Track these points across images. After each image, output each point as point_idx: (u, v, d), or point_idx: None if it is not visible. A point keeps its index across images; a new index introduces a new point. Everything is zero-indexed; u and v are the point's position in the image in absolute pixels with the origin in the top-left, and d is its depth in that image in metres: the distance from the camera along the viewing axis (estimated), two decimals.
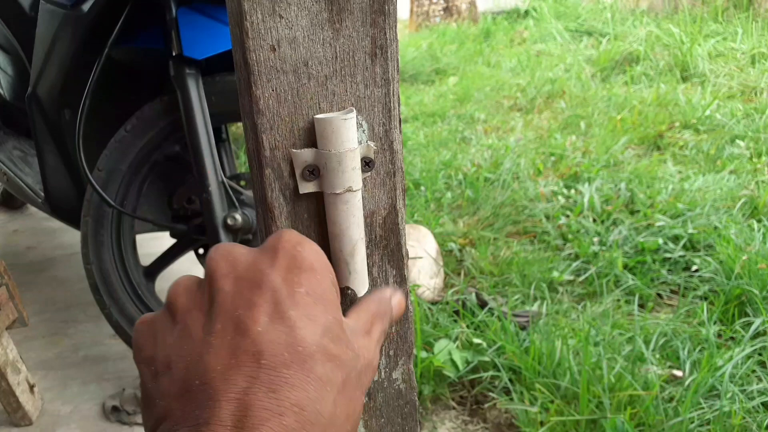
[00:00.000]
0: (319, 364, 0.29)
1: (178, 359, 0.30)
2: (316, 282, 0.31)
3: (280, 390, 0.27)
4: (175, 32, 1.14)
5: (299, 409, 0.27)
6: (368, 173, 0.39)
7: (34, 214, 2.60)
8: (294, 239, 0.32)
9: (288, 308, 0.29)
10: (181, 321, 0.31)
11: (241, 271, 0.31)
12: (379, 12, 0.36)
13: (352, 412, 0.31)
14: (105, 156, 1.24)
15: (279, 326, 0.29)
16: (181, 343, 0.30)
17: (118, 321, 1.31)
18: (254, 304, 0.29)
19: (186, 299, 0.32)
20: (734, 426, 1.10)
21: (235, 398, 0.27)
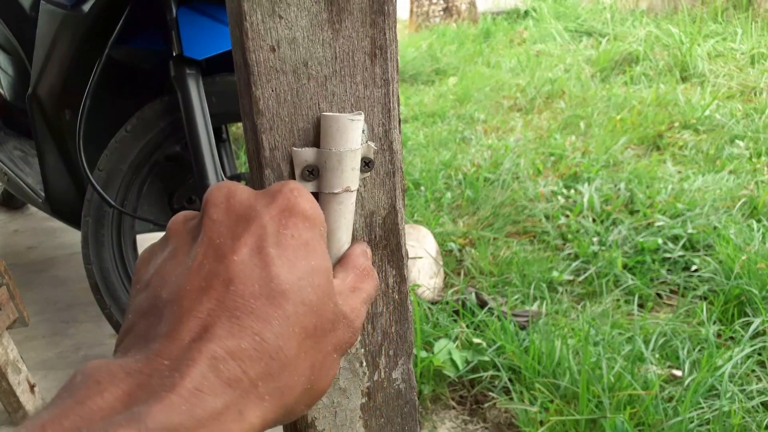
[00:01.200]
0: (290, 304, 0.29)
1: (157, 278, 0.30)
2: (305, 228, 0.31)
3: (243, 317, 0.27)
4: (175, 32, 1.14)
5: (260, 339, 0.27)
6: (368, 173, 0.39)
7: (35, 214, 2.60)
8: (295, 188, 0.32)
9: (269, 245, 0.29)
10: (171, 244, 0.32)
11: (234, 204, 0.31)
12: (378, 12, 0.36)
13: (319, 364, 0.31)
14: (105, 156, 1.24)
15: (256, 259, 0.29)
16: (164, 264, 0.31)
17: (118, 321, 1.31)
18: (237, 235, 0.30)
19: (180, 226, 0.33)
20: (734, 426, 1.10)
21: (198, 317, 0.27)
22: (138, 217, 1.29)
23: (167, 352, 0.26)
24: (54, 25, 1.20)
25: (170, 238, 0.33)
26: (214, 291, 0.28)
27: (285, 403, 0.28)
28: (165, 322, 0.27)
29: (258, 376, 0.27)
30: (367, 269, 0.36)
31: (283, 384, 0.28)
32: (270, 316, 0.28)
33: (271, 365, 0.27)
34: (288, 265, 0.29)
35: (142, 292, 0.31)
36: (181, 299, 0.28)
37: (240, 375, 0.26)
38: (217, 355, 0.25)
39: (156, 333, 0.27)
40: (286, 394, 0.28)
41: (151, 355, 0.26)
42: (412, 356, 0.46)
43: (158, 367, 0.25)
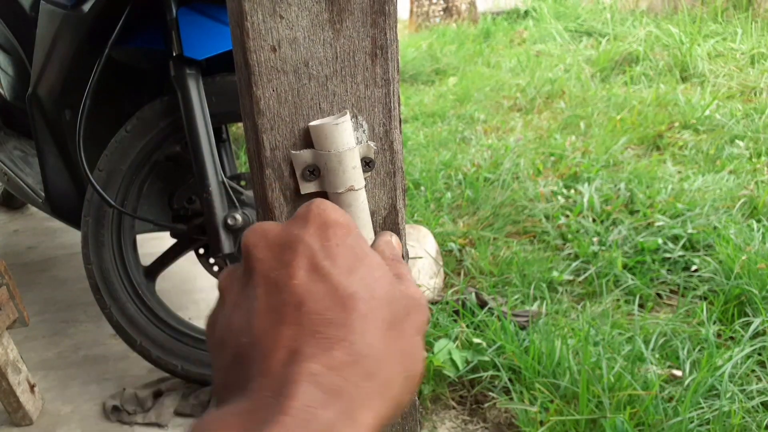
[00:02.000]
0: (362, 303, 0.29)
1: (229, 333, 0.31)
2: (344, 235, 0.32)
3: (325, 330, 0.28)
4: (175, 32, 1.14)
5: (348, 343, 0.28)
6: (368, 173, 0.39)
7: (35, 214, 2.60)
8: (320, 203, 0.33)
9: (322, 260, 0.30)
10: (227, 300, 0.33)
11: (273, 238, 0.32)
12: (379, 12, 0.36)
13: (407, 349, 0.31)
14: (105, 156, 1.24)
15: (315, 276, 0.30)
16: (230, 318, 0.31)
17: (118, 321, 1.31)
18: (288, 262, 0.30)
19: (229, 280, 0.34)
20: (734, 426, 1.10)
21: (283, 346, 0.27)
22: (138, 217, 1.29)
23: (266, 385, 0.26)
24: (54, 25, 1.20)
25: (224, 295, 0.33)
26: (288, 318, 0.28)
27: (392, 396, 0.29)
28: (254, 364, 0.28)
29: (359, 378, 0.27)
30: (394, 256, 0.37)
31: (384, 378, 0.28)
32: (348, 320, 0.28)
33: (366, 364, 0.28)
34: (345, 271, 0.30)
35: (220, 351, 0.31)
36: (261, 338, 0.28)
37: (341, 383, 0.26)
38: (314, 371, 0.26)
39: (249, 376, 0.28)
40: (390, 387, 0.29)
41: (252, 394, 0.26)
42: None
43: (263, 400, 0.25)
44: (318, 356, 0.27)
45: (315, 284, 0.29)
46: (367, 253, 0.32)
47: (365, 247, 0.33)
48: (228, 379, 0.30)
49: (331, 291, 0.29)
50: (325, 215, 0.32)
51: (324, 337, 0.27)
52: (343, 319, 0.28)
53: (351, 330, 0.28)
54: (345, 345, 0.27)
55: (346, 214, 0.34)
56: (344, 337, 0.28)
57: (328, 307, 0.29)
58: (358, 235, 0.33)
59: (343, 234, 0.32)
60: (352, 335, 0.28)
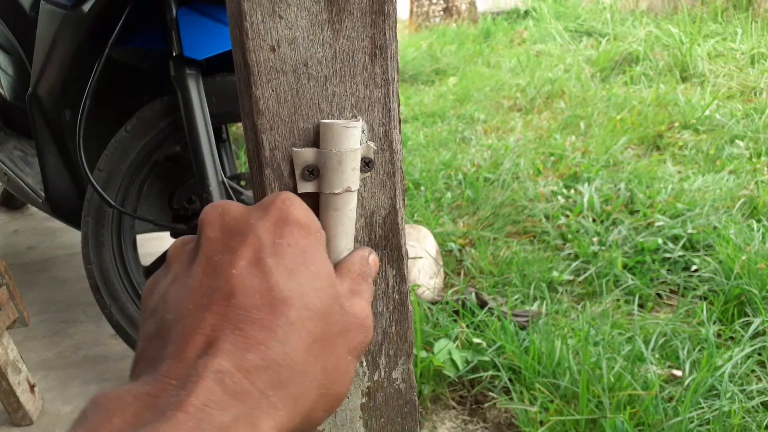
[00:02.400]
0: (293, 311, 0.29)
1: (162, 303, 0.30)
2: (301, 236, 0.31)
3: (247, 329, 0.27)
4: (175, 32, 1.14)
5: (265, 347, 0.27)
6: (368, 173, 0.39)
7: (35, 214, 2.60)
8: (287, 197, 0.33)
9: (267, 256, 0.30)
10: (172, 269, 0.32)
11: (229, 221, 0.32)
12: (378, 12, 0.36)
13: (333, 367, 0.30)
14: (105, 156, 1.24)
15: (255, 271, 0.29)
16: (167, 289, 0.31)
17: (118, 321, 1.31)
18: (234, 249, 0.30)
19: (179, 250, 0.33)
20: (734, 426, 1.10)
21: (202, 334, 0.27)
22: (138, 217, 1.29)
23: (174, 371, 0.26)
24: (54, 25, 1.20)
25: (171, 263, 0.33)
26: (215, 306, 0.28)
27: (300, 410, 0.28)
28: (171, 344, 0.27)
29: (267, 385, 0.26)
30: (362, 273, 0.36)
31: (295, 390, 0.28)
32: (273, 324, 0.28)
33: (279, 373, 0.27)
34: (287, 273, 0.29)
35: (149, 318, 0.31)
36: (184, 318, 0.28)
37: (248, 386, 0.26)
38: (223, 369, 0.25)
39: (163, 355, 0.27)
40: (299, 401, 0.28)
41: (158, 376, 0.26)
42: (412, 356, 0.46)
43: (166, 387, 0.25)
44: (231, 354, 0.26)
45: (252, 279, 0.29)
46: (317, 261, 0.31)
47: (318, 253, 0.32)
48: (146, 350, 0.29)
49: (265, 290, 0.28)
50: (288, 211, 0.32)
51: (243, 336, 0.27)
52: (268, 322, 0.28)
53: (272, 335, 0.27)
54: (262, 349, 0.27)
55: (312, 215, 0.33)
56: (263, 341, 0.27)
57: (257, 305, 0.28)
58: (316, 239, 0.32)
59: (300, 235, 0.31)
60: (272, 340, 0.27)
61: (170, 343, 0.28)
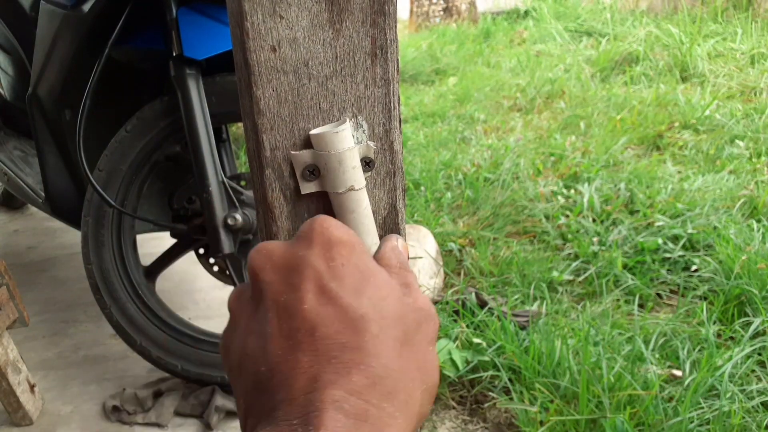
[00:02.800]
0: (373, 324, 0.29)
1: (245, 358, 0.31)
2: (349, 252, 0.32)
3: (341, 355, 0.28)
4: (175, 32, 1.14)
5: (365, 366, 0.28)
6: (368, 173, 0.39)
7: (35, 214, 2.60)
8: (323, 221, 0.33)
9: (329, 282, 0.30)
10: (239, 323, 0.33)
11: (278, 260, 0.32)
12: (379, 12, 0.36)
13: (423, 362, 0.31)
14: (105, 156, 1.24)
15: (324, 300, 0.30)
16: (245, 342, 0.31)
17: (118, 321, 1.31)
18: (296, 286, 0.31)
19: (238, 302, 0.34)
20: (734, 426, 1.10)
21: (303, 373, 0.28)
22: (138, 217, 1.29)
23: (292, 413, 0.26)
24: (54, 25, 1.20)
25: (236, 318, 0.33)
26: (303, 344, 0.29)
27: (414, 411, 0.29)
28: (277, 392, 0.28)
29: (381, 399, 0.27)
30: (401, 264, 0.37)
31: (404, 395, 0.29)
32: (361, 342, 0.29)
33: (385, 384, 0.28)
34: (353, 292, 0.30)
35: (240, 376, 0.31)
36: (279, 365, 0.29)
37: (365, 406, 0.27)
38: (337, 397, 0.26)
39: (273, 404, 0.28)
40: (410, 403, 0.29)
41: (279, 422, 0.26)
42: None
43: (290, 429, 0.26)
44: (338, 382, 0.27)
45: (325, 308, 0.30)
46: (373, 271, 0.32)
47: (370, 263, 0.33)
48: (251, 406, 0.30)
49: (341, 314, 0.29)
50: (329, 233, 0.32)
51: (341, 362, 0.28)
52: (356, 342, 0.29)
53: (366, 353, 0.28)
54: (362, 368, 0.28)
55: (349, 230, 0.34)
56: (361, 361, 0.28)
57: (339, 330, 0.29)
58: (362, 251, 0.33)
59: (348, 252, 0.32)
60: (368, 358, 0.28)
61: (276, 392, 0.28)
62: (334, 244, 0.32)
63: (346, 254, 0.32)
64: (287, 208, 0.39)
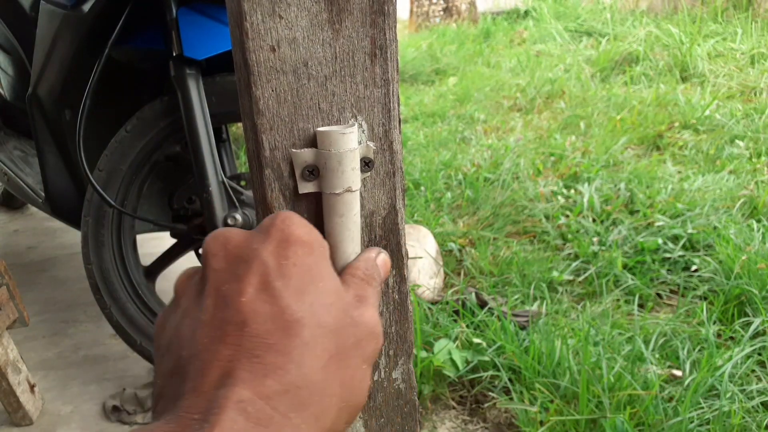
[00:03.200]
0: (306, 330, 0.29)
1: (175, 339, 0.31)
2: (305, 254, 0.31)
3: (263, 355, 0.27)
4: (175, 32, 1.14)
5: (283, 372, 0.27)
6: (368, 173, 0.39)
7: (35, 214, 2.60)
8: (286, 218, 0.32)
9: (274, 279, 0.30)
10: (181, 304, 0.32)
11: (232, 249, 0.31)
12: (378, 12, 0.36)
13: (350, 379, 0.31)
14: (105, 156, 1.24)
15: (264, 296, 0.29)
16: (179, 324, 0.31)
17: (118, 321, 1.31)
18: (241, 278, 0.30)
19: (185, 284, 0.33)
20: (734, 426, 1.10)
21: (219, 366, 0.27)
22: (138, 217, 1.29)
23: (195, 406, 0.26)
24: (54, 25, 1.20)
25: (179, 298, 0.33)
26: (229, 337, 0.28)
27: (323, 427, 0.28)
28: (189, 379, 0.28)
29: (288, 408, 0.27)
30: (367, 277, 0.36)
31: (316, 409, 0.28)
32: (289, 347, 0.28)
33: (299, 395, 0.27)
34: (296, 294, 0.30)
35: (164, 356, 0.31)
36: (199, 353, 0.28)
37: (270, 412, 0.26)
38: (243, 398, 0.26)
39: (182, 391, 0.27)
40: (321, 419, 0.28)
41: (180, 413, 0.26)
42: (412, 356, 0.46)
43: (188, 423, 0.25)
44: (250, 382, 0.26)
45: (263, 304, 0.29)
46: (325, 276, 0.32)
47: (324, 268, 0.32)
48: (165, 388, 0.29)
49: (277, 314, 0.29)
50: (289, 231, 0.32)
51: (260, 363, 0.27)
52: (283, 346, 0.28)
53: (289, 358, 0.28)
54: (280, 373, 0.27)
55: (313, 230, 0.33)
56: (281, 365, 0.27)
57: (270, 330, 0.28)
58: (320, 254, 0.32)
59: (303, 253, 0.31)
60: (289, 364, 0.27)
61: (188, 379, 0.28)
62: (291, 242, 0.31)
63: (301, 254, 0.31)
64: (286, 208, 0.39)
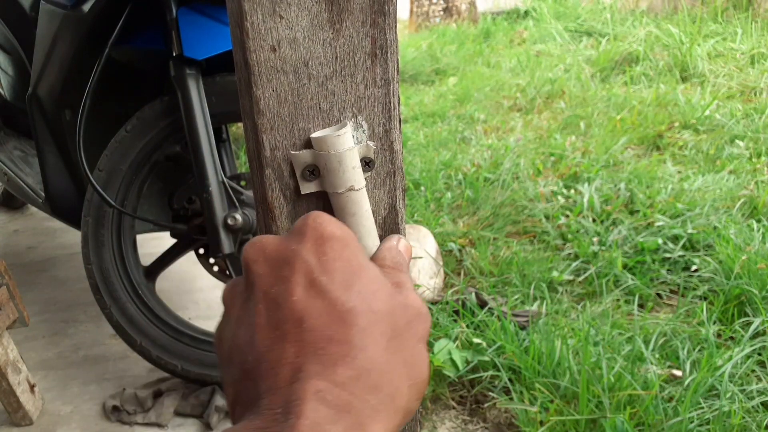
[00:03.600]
0: (361, 317, 0.30)
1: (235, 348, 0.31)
2: (342, 247, 0.32)
3: (327, 347, 0.28)
4: (175, 32, 1.14)
5: (350, 358, 0.28)
6: (368, 173, 0.39)
7: (35, 214, 2.60)
8: (317, 216, 0.34)
9: (319, 275, 0.31)
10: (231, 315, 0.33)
11: (271, 253, 0.33)
12: (379, 12, 0.36)
13: (410, 359, 0.31)
14: (105, 156, 1.24)
15: (313, 292, 0.30)
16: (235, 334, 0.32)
17: (118, 321, 1.31)
18: (286, 278, 0.31)
19: (231, 295, 0.34)
20: (734, 426, 1.10)
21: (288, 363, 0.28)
22: (138, 217, 1.29)
23: (276, 403, 0.27)
24: (54, 25, 1.20)
25: (228, 310, 0.34)
26: (290, 335, 0.29)
27: (399, 406, 0.29)
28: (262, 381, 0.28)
29: (364, 391, 0.28)
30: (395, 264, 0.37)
31: (389, 390, 0.29)
32: (348, 335, 0.29)
33: (371, 378, 0.28)
34: (343, 285, 0.31)
35: (229, 366, 0.32)
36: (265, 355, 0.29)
37: (348, 398, 0.27)
38: (320, 388, 0.27)
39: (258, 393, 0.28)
40: (396, 398, 0.29)
41: (262, 411, 0.27)
42: None
43: (273, 417, 0.26)
44: (322, 373, 0.27)
45: (313, 300, 0.30)
46: (364, 266, 0.33)
47: (362, 259, 0.33)
48: (238, 395, 0.30)
49: (329, 307, 0.30)
50: (322, 229, 0.33)
51: (326, 354, 0.28)
52: (343, 335, 0.29)
53: (352, 345, 0.29)
54: (348, 360, 0.28)
55: (343, 226, 0.34)
56: (346, 353, 0.28)
57: (327, 323, 0.29)
58: (355, 247, 0.33)
59: (340, 247, 0.32)
60: (354, 350, 0.28)
61: (261, 381, 0.29)
62: (326, 239, 0.32)
63: (339, 249, 0.32)
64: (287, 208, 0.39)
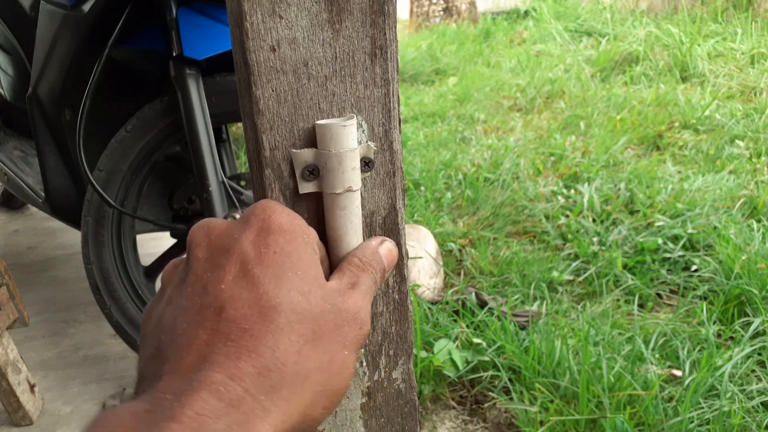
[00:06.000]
0: (282, 316, 0.29)
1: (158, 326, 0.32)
2: (286, 242, 0.32)
3: (238, 339, 0.28)
4: (175, 32, 1.14)
5: (256, 355, 0.28)
6: (368, 173, 0.39)
7: (35, 214, 2.60)
8: (267, 207, 0.33)
9: (253, 267, 0.30)
10: (165, 293, 0.33)
11: (215, 239, 0.32)
12: (378, 12, 0.36)
13: (327, 364, 0.31)
14: (105, 156, 1.24)
15: (242, 283, 0.30)
16: (163, 312, 0.32)
17: (118, 321, 1.31)
18: (221, 266, 0.31)
19: (171, 274, 0.34)
20: (734, 426, 1.10)
21: (196, 349, 0.28)
22: (138, 217, 1.29)
23: (171, 387, 0.27)
24: (54, 25, 1.20)
25: (165, 287, 0.34)
26: (208, 322, 0.29)
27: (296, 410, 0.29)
28: (168, 361, 0.29)
29: (259, 390, 0.27)
30: (363, 264, 0.37)
31: (287, 392, 0.29)
32: (263, 332, 0.29)
33: (270, 378, 0.28)
34: (275, 281, 0.30)
35: (147, 341, 0.32)
36: (179, 337, 0.29)
37: (241, 394, 0.27)
38: (217, 380, 0.26)
39: (160, 373, 0.28)
40: (292, 401, 0.29)
41: (156, 393, 0.27)
42: (412, 356, 0.46)
43: (162, 402, 0.26)
44: (224, 364, 0.27)
45: (241, 291, 0.30)
46: (304, 264, 0.32)
47: (305, 256, 0.32)
48: (145, 371, 0.30)
49: (254, 300, 0.29)
50: (270, 221, 0.32)
51: (235, 347, 0.28)
52: (258, 331, 0.29)
53: (262, 342, 0.28)
54: (253, 357, 0.28)
55: (295, 218, 0.34)
56: (254, 349, 0.28)
57: (246, 316, 0.29)
58: (302, 243, 0.33)
59: (284, 241, 0.32)
60: (262, 347, 0.28)
61: (167, 361, 0.29)
62: (272, 231, 0.32)
63: (282, 243, 0.32)
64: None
